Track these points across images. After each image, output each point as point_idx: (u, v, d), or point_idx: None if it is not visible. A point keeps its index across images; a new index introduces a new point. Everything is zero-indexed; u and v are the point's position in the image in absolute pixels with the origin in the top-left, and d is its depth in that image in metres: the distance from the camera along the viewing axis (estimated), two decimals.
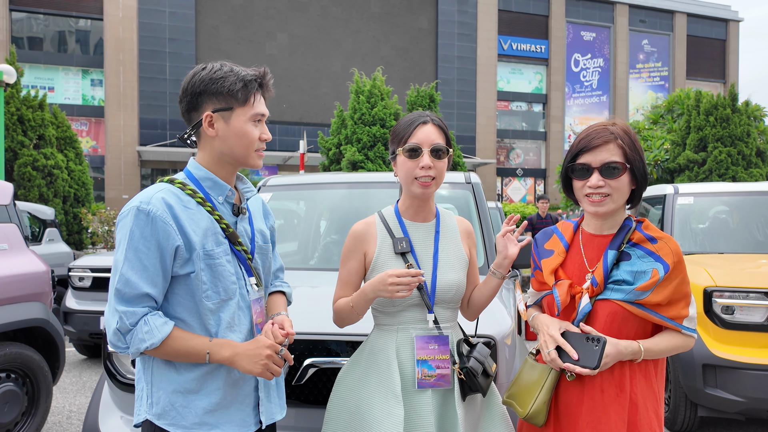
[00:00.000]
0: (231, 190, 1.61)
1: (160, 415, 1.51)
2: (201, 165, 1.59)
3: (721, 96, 14.26)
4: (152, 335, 1.42)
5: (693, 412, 3.85)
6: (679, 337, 1.65)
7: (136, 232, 1.45)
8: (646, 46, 32.39)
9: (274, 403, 1.67)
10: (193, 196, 1.54)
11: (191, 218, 1.51)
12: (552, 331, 1.64)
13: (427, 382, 1.69)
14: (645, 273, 1.62)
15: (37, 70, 23.17)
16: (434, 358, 1.69)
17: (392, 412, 1.64)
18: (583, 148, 1.67)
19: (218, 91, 1.52)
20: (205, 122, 1.54)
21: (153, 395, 1.52)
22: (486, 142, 28.67)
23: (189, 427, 1.50)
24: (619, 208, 1.69)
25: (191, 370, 1.51)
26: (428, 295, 1.73)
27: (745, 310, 3.58)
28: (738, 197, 4.89)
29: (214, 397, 1.52)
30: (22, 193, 11.74)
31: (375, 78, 13.07)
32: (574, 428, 1.64)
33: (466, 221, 1.92)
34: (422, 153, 1.71)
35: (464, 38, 28.31)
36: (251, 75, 1.56)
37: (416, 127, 1.74)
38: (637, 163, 1.65)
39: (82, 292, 5.87)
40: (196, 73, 1.55)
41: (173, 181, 1.56)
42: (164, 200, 1.48)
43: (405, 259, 1.75)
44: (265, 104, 1.63)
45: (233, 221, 1.61)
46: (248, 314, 1.60)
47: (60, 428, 4.24)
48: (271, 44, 25.54)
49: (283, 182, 3.66)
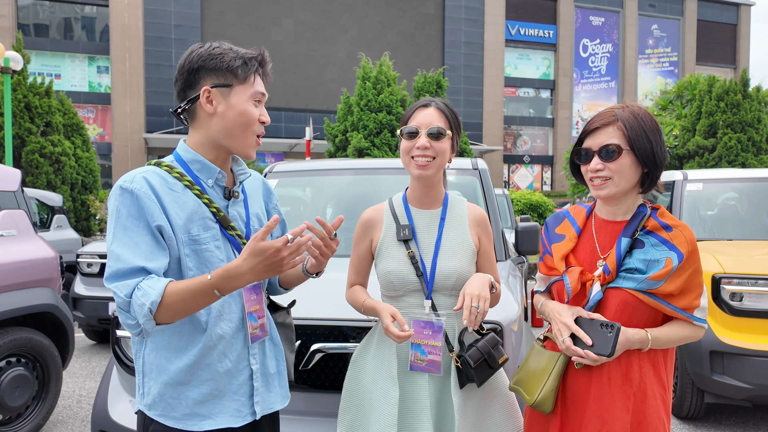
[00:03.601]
0: (221, 173, 1.54)
1: (150, 405, 1.48)
2: (190, 148, 1.54)
3: (733, 81, 14.09)
4: (148, 295, 1.32)
5: (700, 399, 3.85)
6: (689, 327, 1.63)
7: (123, 211, 1.40)
8: (655, 31, 32.01)
9: (274, 393, 1.63)
10: (180, 179, 1.48)
11: (176, 201, 1.45)
12: (565, 319, 1.62)
13: (418, 365, 1.72)
14: (658, 262, 1.58)
15: (43, 57, 23.19)
16: (427, 343, 1.71)
17: (388, 394, 1.69)
18: (585, 131, 1.67)
19: (217, 67, 1.47)
20: (203, 97, 1.48)
21: (144, 385, 1.50)
22: (493, 129, 28.51)
23: (180, 419, 1.47)
24: (626, 193, 1.65)
25: (180, 358, 1.46)
26: (426, 282, 1.74)
27: (754, 296, 3.57)
28: (747, 184, 4.84)
29: (205, 387, 1.48)
30: (30, 180, 11.80)
31: (381, 64, 13.00)
32: (581, 416, 1.63)
33: (479, 209, 1.89)
34: (420, 134, 1.74)
35: (471, 23, 28.05)
36: (251, 54, 1.52)
37: (416, 110, 1.79)
38: (642, 146, 1.59)
39: (91, 278, 5.92)
40: (193, 50, 1.51)
41: (160, 163, 1.51)
42: (146, 179, 1.43)
43: (407, 246, 1.77)
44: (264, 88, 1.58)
45: (224, 205, 1.56)
46: (239, 301, 1.54)
47: (70, 412, 4.30)
48: (277, 30, 25.41)
49: (289, 169, 3.66)
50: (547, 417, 1.71)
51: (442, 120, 1.76)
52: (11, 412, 3.55)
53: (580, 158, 1.68)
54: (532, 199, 14.38)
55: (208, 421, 1.48)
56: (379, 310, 1.70)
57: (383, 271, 1.78)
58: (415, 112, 1.78)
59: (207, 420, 1.48)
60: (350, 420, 1.81)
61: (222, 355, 1.50)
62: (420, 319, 1.72)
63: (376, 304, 1.73)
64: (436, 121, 1.75)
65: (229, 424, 1.51)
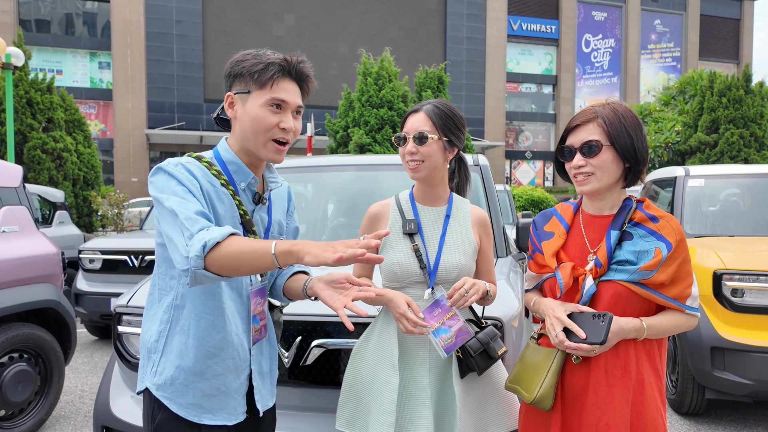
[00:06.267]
0: (254, 178, 1.58)
1: (160, 386, 1.51)
2: (230, 148, 1.59)
3: (735, 77, 14.05)
4: (210, 232, 1.33)
5: (700, 395, 3.85)
6: (682, 316, 1.65)
7: (171, 183, 1.43)
8: (658, 26, 31.89)
9: (267, 390, 1.67)
10: (218, 177, 1.52)
11: (216, 194, 1.50)
12: (558, 313, 1.65)
13: (451, 344, 1.74)
14: (648, 252, 1.61)
15: (45, 53, 23.20)
16: (444, 321, 1.75)
17: (389, 380, 1.73)
18: (567, 129, 1.71)
19: (239, 73, 1.52)
20: (226, 102, 1.55)
21: (160, 364, 1.52)
22: (495, 125, 28.47)
23: (184, 406, 1.50)
24: (609, 188, 1.68)
25: (199, 348, 1.49)
26: (429, 274, 1.79)
27: (755, 292, 3.56)
28: (749, 179, 4.83)
29: (216, 381, 1.52)
30: (31, 176, 11.82)
31: (383, 59, 12.96)
32: (580, 411, 1.64)
33: (481, 210, 1.95)
34: (408, 140, 1.82)
35: (473, 18, 27.97)
36: (273, 59, 1.52)
37: (408, 116, 1.87)
38: (622, 141, 1.62)
39: (93, 274, 5.93)
40: (233, 56, 1.57)
41: (201, 158, 1.55)
42: (185, 167, 1.47)
43: (412, 240, 1.82)
44: (303, 96, 1.57)
45: (251, 209, 1.60)
46: (246, 304, 1.60)
47: (72, 407, 4.31)
48: (278, 26, 25.37)
49: (291, 165, 3.66)
50: (547, 414, 1.72)
51: (428, 124, 1.81)
52: (14, 408, 3.57)
53: (563, 155, 1.71)
54: (533, 195, 14.37)
55: (209, 416, 1.52)
56: (392, 297, 1.73)
57: (387, 263, 1.82)
58: (407, 118, 1.86)
59: (208, 414, 1.52)
60: (349, 412, 1.84)
61: (234, 352, 1.54)
62: (426, 307, 1.76)
63: (387, 292, 1.75)
64: (422, 126, 1.81)
65: (225, 422, 1.54)
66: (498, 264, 2.76)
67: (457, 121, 1.85)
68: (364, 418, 1.80)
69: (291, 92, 1.54)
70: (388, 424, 1.68)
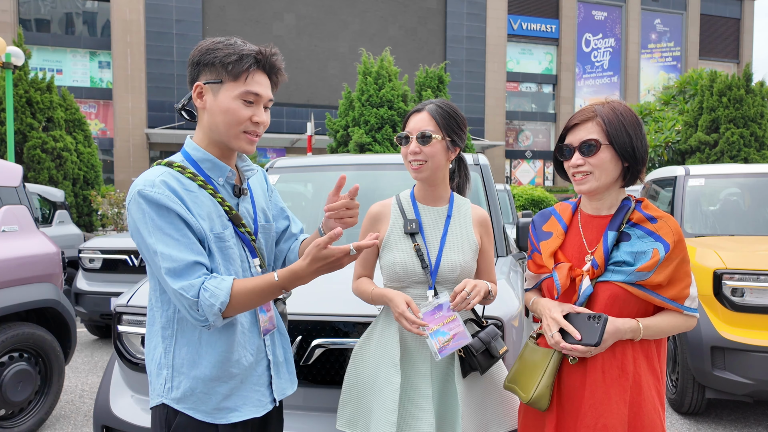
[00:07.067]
0: (231, 171, 1.55)
1: (179, 399, 1.49)
2: (198, 145, 1.53)
3: (735, 76, 14.04)
4: (216, 296, 1.37)
5: (701, 395, 3.85)
6: (679, 317, 1.64)
7: (153, 215, 1.39)
8: (658, 25, 31.86)
9: (284, 378, 1.68)
10: (194, 179, 1.48)
11: (194, 202, 1.46)
12: (554, 314, 1.64)
13: (446, 347, 1.73)
14: (645, 253, 1.60)
15: (44, 52, 23.17)
16: (444, 323, 1.74)
17: (391, 380, 1.73)
18: (566, 128, 1.70)
19: (211, 63, 1.46)
20: (194, 92, 1.49)
21: (174, 379, 1.50)
22: (495, 124, 28.45)
23: (209, 412, 1.50)
24: (608, 187, 1.66)
25: (211, 352, 1.49)
26: (431, 273, 1.79)
27: (755, 292, 3.56)
28: (749, 179, 4.83)
29: (234, 382, 1.52)
30: (31, 176, 11.82)
31: (383, 59, 12.95)
32: (576, 412, 1.64)
33: (482, 210, 1.95)
34: (411, 140, 1.81)
35: (473, 18, 27.95)
36: (248, 51, 1.47)
37: (411, 115, 1.86)
38: (621, 140, 1.60)
39: (93, 274, 5.93)
40: (199, 44, 1.51)
41: (172, 164, 1.49)
42: (166, 183, 1.43)
43: (413, 240, 1.82)
44: (273, 88, 1.54)
45: (235, 203, 1.57)
46: None
47: (72, 407, 4.31)
48: (278, 25, 25.35)
49: (291, 164, 3.65)
50: (543, 414, 1.72)
51: (431, 124, 1.80)
52: (14, 407, 3.57)
53: (562, 154, 1.70)
54: (533, 195, 14.37)
55: (235, 414, 1.52)
56: (392, 297, 1.73)
57: (389, 262, 1.82)
58: (410, 117, 1.85)
59: (234, 413, 1.52)
60: (350, 412, 1.84)
61: (244, 349, 1.54)
62: (427, 308, 1.76)
63: (387, 292, 1.76)
64: (425, 125, 1.80)
65: (253, 415, 1.55)
66: (498, 263, 2.76)
67: (459, 120, 1.85)
68: (365, 417, 1.79)
69: (264, 85, 1.51)
70: (390, 423, 1.68)
